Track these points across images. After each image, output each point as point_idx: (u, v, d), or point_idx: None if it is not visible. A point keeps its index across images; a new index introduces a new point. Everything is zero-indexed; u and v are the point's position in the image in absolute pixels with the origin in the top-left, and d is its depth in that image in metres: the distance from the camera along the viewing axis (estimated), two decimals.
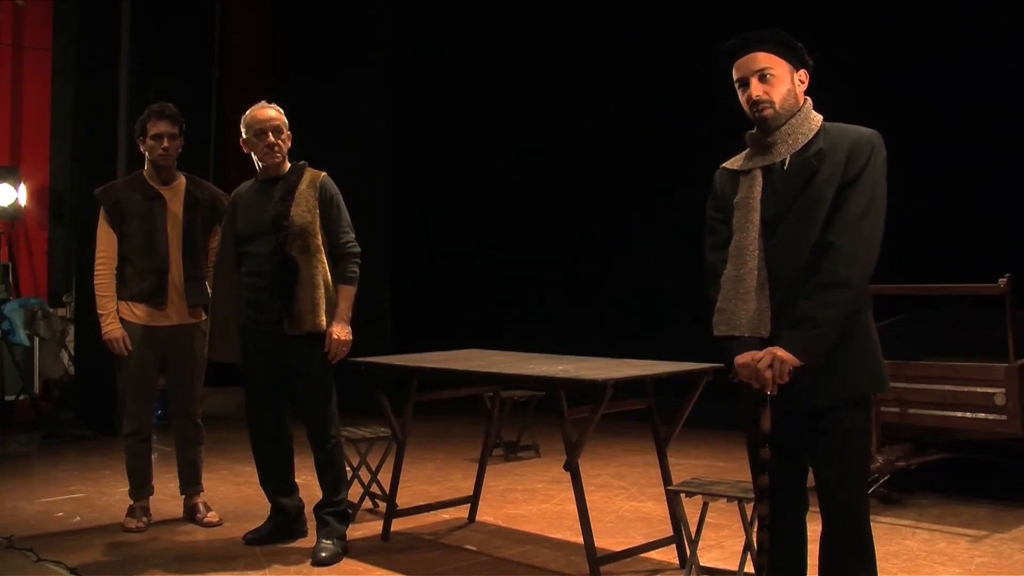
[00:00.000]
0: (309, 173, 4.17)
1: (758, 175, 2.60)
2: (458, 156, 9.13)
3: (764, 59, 2.57)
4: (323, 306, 4.03)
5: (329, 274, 4.08)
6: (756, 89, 2.57)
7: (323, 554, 3.99)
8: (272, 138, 4.09)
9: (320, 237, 4.07)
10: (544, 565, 3.99)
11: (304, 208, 4.05)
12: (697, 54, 5.08)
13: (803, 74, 2.63)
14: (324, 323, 4.03)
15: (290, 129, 4.19)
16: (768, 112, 2.57)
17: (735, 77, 2.63)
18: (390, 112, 8.58)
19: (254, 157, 4.18)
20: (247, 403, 4.34)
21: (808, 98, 2.64)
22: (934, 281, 5.05)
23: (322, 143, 7.24)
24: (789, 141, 2.57)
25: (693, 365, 3.78)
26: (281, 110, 4.19)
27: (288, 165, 4.19)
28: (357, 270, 4.15)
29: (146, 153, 4.57)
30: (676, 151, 7.24)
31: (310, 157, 4.30)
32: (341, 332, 4.05)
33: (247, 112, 4.18)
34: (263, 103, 4.20)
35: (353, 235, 4.18)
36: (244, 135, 4.17)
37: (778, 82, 2.57)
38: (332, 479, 4.16)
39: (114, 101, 7.52)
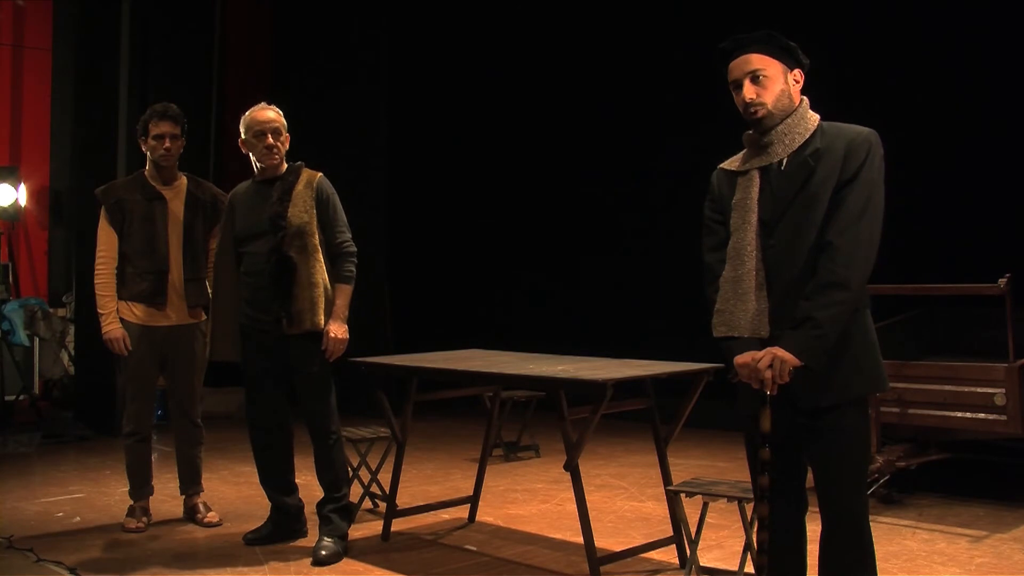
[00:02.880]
0: (306, 174, 4.17)
1: (755, 176, 2.60)
2: (458, 156, 9.13)
3: (757, 60, 2.56)
4: (322, 305, 4.04)
5: (327, 273, 4.09)
6: (749, 91, 2.56)
7: (323, 552, 4.00)
8: (271, 140, 4.10)
9: (317, 237, 4.08)
10: (544, 565, 3.99)
11: (301, 208, 4.06)
12: (696, 54, 5.08)
13: (798, 74, 2.62)
14: (323, 322, 4.04)
15: (290, 130, 4.20)
16: (761, 113, 2.56)
17: (729, 79, 2.62)
18: (390, 112, 8.58)
19: (252, 158, 4.18)
20: (247, 402, 4.35)
21: (804, 98, 2.63)
22: (934, 281, 5.05)
23: (322, 144, 7.24)
24: (785, 141, 2.57)
25: (693, 365, 3.78)
26: (280, 112, 4.19)
27: (286, 166, 4.19)
28: (354, 269, 4.16)
29: (147, 153, 4.57)
30: (676, 151, 7.24)
31: (310, 157, 4.30)
32: (338, 331, 4.06)
33: (246, 113, 4.18)
34: (263, 104, 4.20)
35: (349, 235, 4.19)
36: (243, 136, 4.17)
37: (771, 83, 2.56)
38: (333, 476, 4.17)
39: (114, 101, 7.52)
